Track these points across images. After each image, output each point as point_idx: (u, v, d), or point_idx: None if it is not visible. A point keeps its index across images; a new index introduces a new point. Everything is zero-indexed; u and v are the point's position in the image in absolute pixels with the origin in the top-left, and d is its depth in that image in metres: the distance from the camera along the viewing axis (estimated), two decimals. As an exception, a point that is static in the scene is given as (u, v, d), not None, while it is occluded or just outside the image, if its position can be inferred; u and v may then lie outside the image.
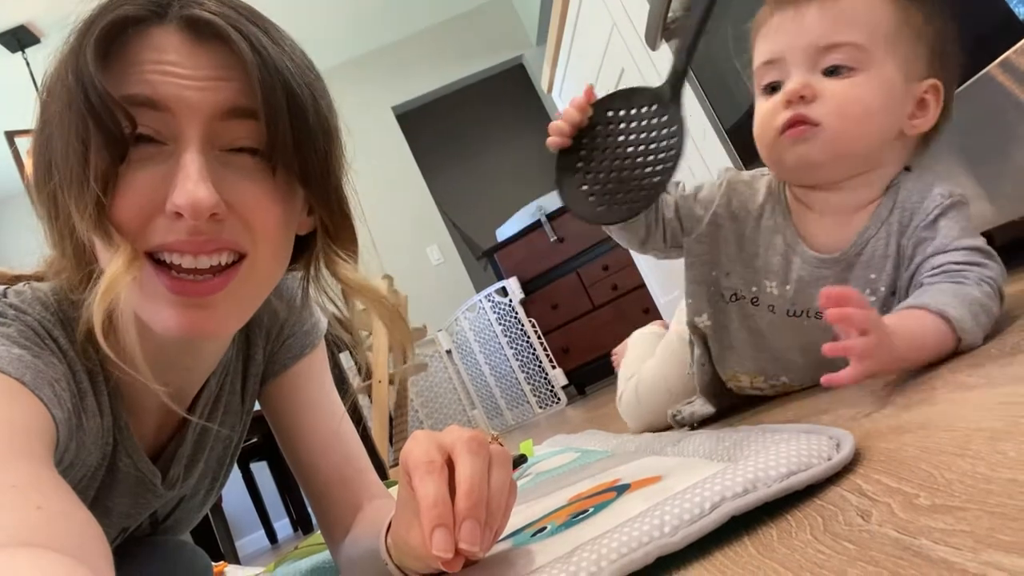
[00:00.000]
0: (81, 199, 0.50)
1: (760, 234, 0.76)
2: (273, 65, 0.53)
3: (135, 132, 0.51)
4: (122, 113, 0.50)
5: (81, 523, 0.41)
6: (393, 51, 4.65)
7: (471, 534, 0.41)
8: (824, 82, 0.67)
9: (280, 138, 0.53)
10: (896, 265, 0.70)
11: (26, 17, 3.16)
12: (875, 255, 0.70)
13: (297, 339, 0.77)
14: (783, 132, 0.69)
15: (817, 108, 0.67)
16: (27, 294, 0.56)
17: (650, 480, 0.55)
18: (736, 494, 0.41)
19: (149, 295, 0.53)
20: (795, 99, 0.67)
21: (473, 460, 0.44)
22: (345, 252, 0.62)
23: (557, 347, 3.58)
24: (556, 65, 2.32)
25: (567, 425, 2.16)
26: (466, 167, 5.67)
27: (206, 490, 0.80)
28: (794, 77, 0.68)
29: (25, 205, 3.01)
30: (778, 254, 0.75)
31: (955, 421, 0.43)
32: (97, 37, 0.50)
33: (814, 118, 0.67)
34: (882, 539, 0.31)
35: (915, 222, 0.69)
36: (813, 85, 0.67)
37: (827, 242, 0.73)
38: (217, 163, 0.53)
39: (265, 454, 3.28)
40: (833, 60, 0.67)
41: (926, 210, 0.68)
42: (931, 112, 0.70)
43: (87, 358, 0.58)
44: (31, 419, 0.46)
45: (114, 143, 0.50)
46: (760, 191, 0.78)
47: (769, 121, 0.70)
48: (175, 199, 0.50)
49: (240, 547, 3.43)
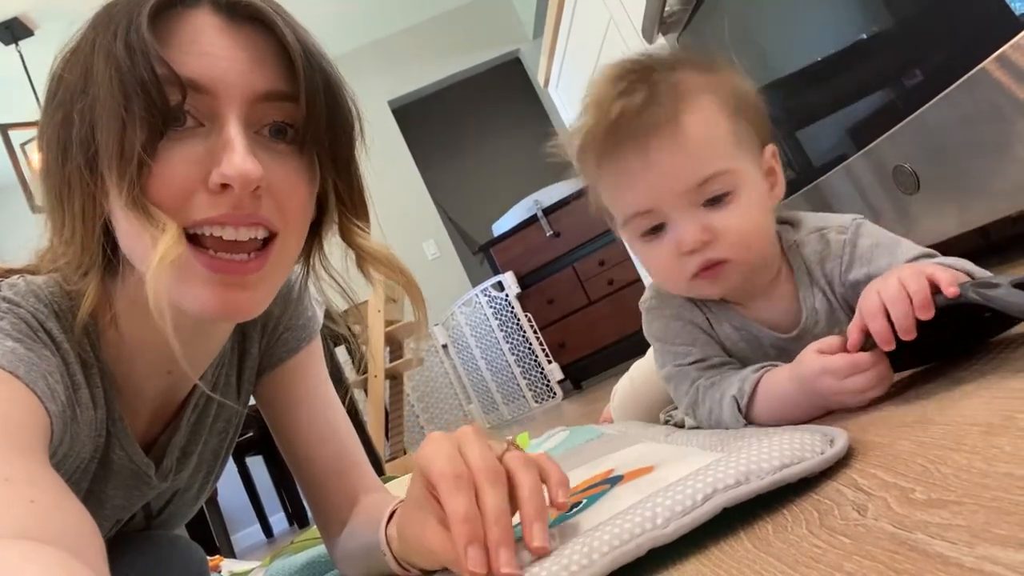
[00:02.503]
0: (121, 175, 0.50)
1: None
2: (312, 49, 0.56)
3: (184, 103, 0.51)
4: (176, 86, 0.50)
5: (75, 517, 0.41)
6: (389, 44, 4.63)
7: (509, 562, 0.41)
8: (711, 216, 0.64)
9: (316, 121, 0.55)
10: (847, 310, 0.69)
11: (19, 9, 3.13)
12: (826, 314, 0.69)
13: (293, 333, 0.77)
14: (695, 277, 0.67)
15: (719, 246, 0.64)
16: (21, 286, 0.56)
17: (643, 471, 0.55)
18: (728, 486, 0.41)
19: (185, 276, 0.53)
20: (698, 248, 0.64)
21: (495, 492, 0.43)
22: (363, 225, 0.63)
23: (553, 342, 3.58)
24: (553, 59, 2.31)
25: (563, 419, 2.16)
26: (462, 161, 5.66)
27: (200, 484, 0.80)
28: (682, 224, 0.64)
29: (19, 198, 2.98)
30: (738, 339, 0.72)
31: (951, 416, 0.44)
32: (149, 12, 0.51)
33: (722, 257, 0.65)
34: (878, 533, 0.31)
35: (836, 271, 0.68)
36: (709, 227, 0.64)
37: (781, 322, 0.70)
38: (254, 144, 0.53)
39: (261, 448, 3.27)
40: (711, 192, 0.64)
41: (837, 256, 0.67)
42: (779, 174, 0.70)
43: (82, 349, 0.58)
44: (25, 413, 0.46)
45: (162, 117, 0.50)
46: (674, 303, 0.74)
47: (677, 271, 0.67)
48: (224, 170, 0.51)
49: (236, 541, 3.43)
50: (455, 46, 4.69)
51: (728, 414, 0.63)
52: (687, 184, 0.64)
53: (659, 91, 0.63)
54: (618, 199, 0.69)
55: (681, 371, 0.70)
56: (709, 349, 0.71)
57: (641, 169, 0.64)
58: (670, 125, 0.63)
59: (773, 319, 0.70)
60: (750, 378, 0.63)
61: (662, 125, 0.63)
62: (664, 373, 0.72)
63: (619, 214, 0.69)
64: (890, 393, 0.56)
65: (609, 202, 0.71)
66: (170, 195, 0.51)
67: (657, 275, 0.71)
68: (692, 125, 0.64)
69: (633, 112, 0.63)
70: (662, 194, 0.65)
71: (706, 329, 0.72)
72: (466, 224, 5.21)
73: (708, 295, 0.70)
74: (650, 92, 0.63)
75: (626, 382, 1.05)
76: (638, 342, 0.95)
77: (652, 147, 0.63)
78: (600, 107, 0.65)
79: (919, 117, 0.91)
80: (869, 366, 0.55)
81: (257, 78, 0.54)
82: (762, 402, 0.62)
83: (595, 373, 3.72)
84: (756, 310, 0.71)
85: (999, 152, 0.83)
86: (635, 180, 0.65)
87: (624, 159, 0.65)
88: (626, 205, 0.68)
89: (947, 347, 0.60)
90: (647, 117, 0.63)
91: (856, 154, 1.05)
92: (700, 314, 0.72)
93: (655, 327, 0.74)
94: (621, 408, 1.07)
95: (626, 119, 0.63)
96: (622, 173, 0.66)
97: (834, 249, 0.68)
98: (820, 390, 0.57)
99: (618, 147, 0.65)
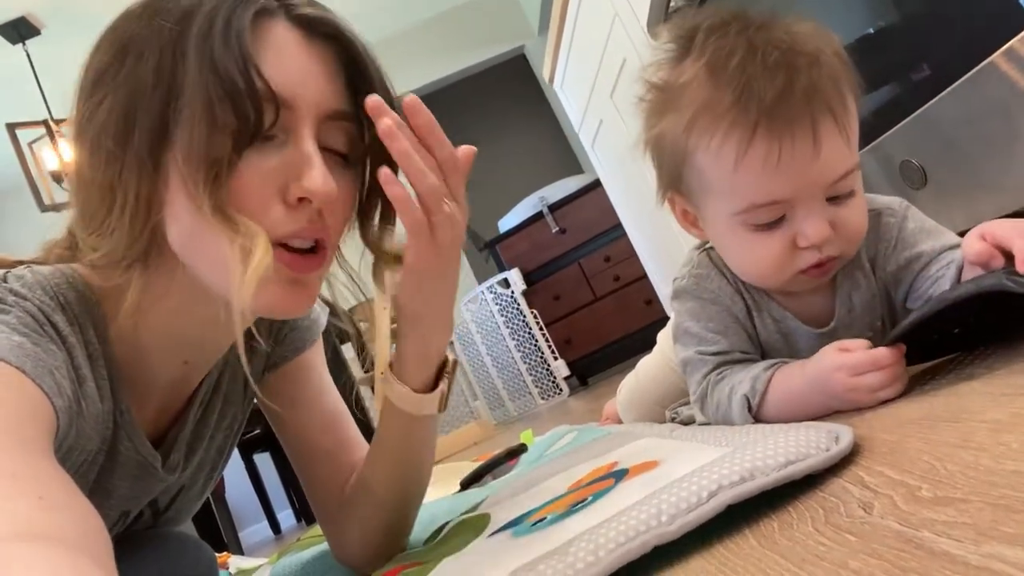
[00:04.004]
0: (205, 180, 0.51)
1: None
2: (382, 69, 0.59)
3: (276, 121, 0.52)
4: (271, 103, 0.51)
5: (82, 513, 0.41)
6: (394, 42, 4.63)
7: None
8: (835, 212, 0.61)
9: (381, 143, 0.56)
10: (885, 298, 0.68)
11: (26, 9, 3.14)
12: (863, 304, 0.68)
13: (298, 333, 0.78)
14: (805, 272, 0.64)
15: (836, 243, 0.62)
16: (28, 278, 0.56)
17: (648, 465, 0.55)
18: (733, 483, 0.41)
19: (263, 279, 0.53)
20: (821, 243, 0.61)
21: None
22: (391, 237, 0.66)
23: (559, 338, 3.58)
24: (558, 55, 2.31)
25: (569, 416, 2.16)
26: (468, 158, 5.65)
27: (204, 480, 0.80)
28: (810, 218, 0.60)
29: (27, 198, 2.99)
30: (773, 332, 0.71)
31: (958, 413, 0.43)
32: (251, 17, 0.52)
33: (836, 253, 0.63)
34: (884, 531, 0.31)
35: (883, 254, 0.67)
36: (833, 223, 0.61)
37: (819, 316, 0.69)
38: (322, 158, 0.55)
39: (268, 445, 3.28)
40: (842, 188, 0.61)
41: (886, 240, 0.66)
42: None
43: (88, 342, 0.58)
44: (32, 409, 0.46)
45: (254, 130, 0.51)
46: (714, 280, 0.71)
47: (787, 265, 0.63)
48: (308, 185, 0.53)
49: (243, 537, 3.45)
50: (460, 43, 4.69)
51: (737, 411, 0.62)
52: (833, 177, 0.60)
53: (820, 75, 0.58)
54: (755, 185, 0.60)
55: (702, 359, 0.68)
56: (737, 341, 0.69)
57: (806, 156, 0.58)
58: (836, 112, 0.59)
59: (812, 313, 0.69)
60: (762, 377, 0.61)
61: (826, 112, 0.58)
62: (684, 357, 0.70)
63: (742, 201, 0.62)
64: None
65: (732, 186, 0.62)
66: (248, 205, 0.53)
67: (755, 266, 0.66)
68: (847, 116, 0.60)
69: (802, 93, 0.57)
70: (808, 185, 0.60)
71: (742, 319, 0.69)
72: (472, 220, 5.10)
73: (797, 289, 0.67)
74: (810, 74, 0.58)
75: (632, 379, 1.05)
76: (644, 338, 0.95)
77: (823, 135, 0.58)
78: (754, 79, 0.58)
79: (926, 112, 0.91)
80: (888, 363, 0.54)
81: (331, 96, 0.56)
82: (772, 400, 0.61)
83: (601, 369, 3.72)
84: (798, 303, 0.69)
85: (1007, 147, 0.82)
86: (791, 167, 0.58)
87: (789, 143, 0.58)
88: (762, 193, 0.60)
89: (956, 342, 0.60)
90: (817, 102, 0.58)
91: (863, 149, 1.04)
92: (741, 302, 0.70)
93: (689, 306, 0.71)
94: (627, 404, 1.07)
95: (796, 99, 0.57)
96: (779, 157, 0.58)
97: (883, 232, 0.67)
98: (833, 387, 0.56)
99: (789, 126, 0.58)
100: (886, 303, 0.69)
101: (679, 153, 0.64)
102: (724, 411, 0.65)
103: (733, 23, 0.61)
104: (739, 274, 0.69)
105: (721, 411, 0.65)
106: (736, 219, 0.63)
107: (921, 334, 0.55)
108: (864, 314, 0.68)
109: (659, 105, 0.66)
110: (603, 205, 2.80)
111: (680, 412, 0.90)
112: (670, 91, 0.64)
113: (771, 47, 0.59)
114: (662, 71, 0.66)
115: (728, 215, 0.64)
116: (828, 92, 0.59)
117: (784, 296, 0.69)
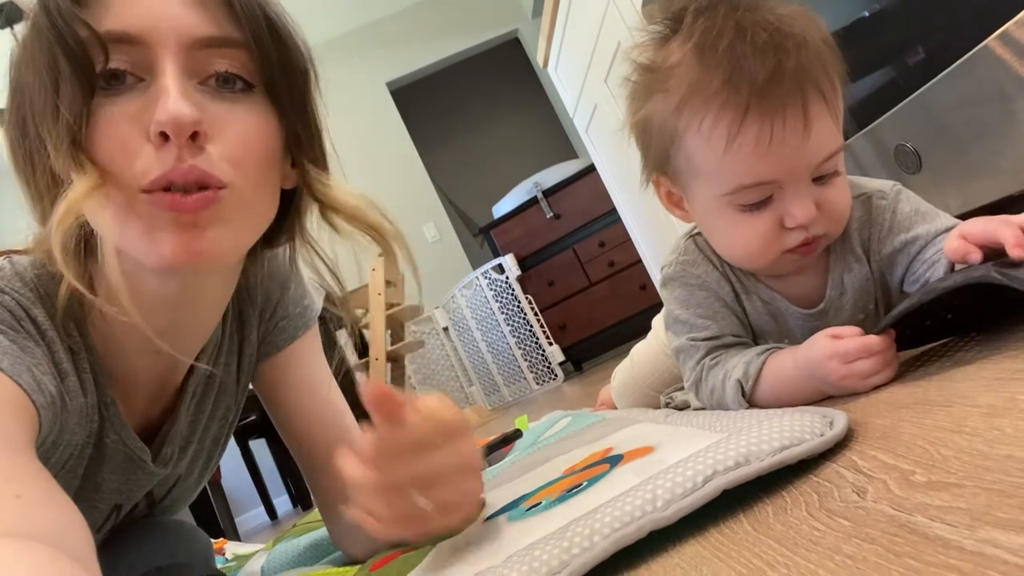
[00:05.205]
0: (56, 136, 0.49)
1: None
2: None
3: (108, 61, 0.50)
4: (95, 42, 0.49)
5: (62, 511, 0.40)
6: (387, 25, 4.60)
7: None
8: (820, 192, 0.62)
9: (264, 64, 0.54)
10: (879, 281, 0.68)
11: (14, -8, 3.11)
12: (855, 286, 0.68)
13: (291, 321, 0.77)
14: (790, 251, 0.64)
15: (822, 222, 0.62)
16: (6, 269, 0.55)
17: (643, 451, 0.56)
18: (728, 468, 0.41)
19: (145, 228, 0.51)
20: (807, 223, 0.61)
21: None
22: (324, 173, 0.62)
23: (554, 324, 3.58)
24: (552, 39, 2.29)
25: (564, 401, 2.17)
26: (462, 143, 5.63)
27: (200, 470, 0.80)
28: (796, 198, 0.61)
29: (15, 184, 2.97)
30: (762, 313, 0.71)
31: (952, 397, 0.43)
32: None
33: (821, 233, 0.63)
34: (877, 516, 0.31)
35: (876, 237, 0.66)
36: (818, 203, 0.61)
37: (809, 296, 0.69)
38: (195, 92, 0.52)
39: (264, 431, 3.29)
40: (828, 168, 0.61)
41: (878, 223, 0.66)
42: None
43: (68, 335, 0.57)
44: (11, 407, 0.46)
45: (84, 72, 0.49)
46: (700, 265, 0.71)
47: (773, 245, 0.63)
48: (157, 116, 0.49)
49: (240, 523, 3.46)
50: (454, 27, 4.65)
51: (731, 396, 0.63)
52: (821, 157, 0.60)
53: (808, 56, 0.58)
54: (745, 166, 0.60)
55: (693, 345, 0.69)
56: (726, 325, 0.69)
57: (796, 137, 0.58)
58: (826, 93, 0.59)
59: (802, 294, 0.69)
60: (755, 362, 0.62)
61: (815, 93, 0.59)
62: (676, 345, 0.71)
63: (731, 182, 0.62)
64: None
65: (721, 167, 0.62)
66: (113, 155, 0.50)
67: (742, 247, 0.66)
68: (835, 97, 0.61)
69: (791, 74, 0.57)
70: (796, 166, 0.60)
71: (730, 303, 0.70)
72: (466, 206, 5.19)
73: (783, 271, 0.68)
74: (799, 55, 0.58)
75: (627, 364, 1.05)
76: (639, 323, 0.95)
77: (813, 115, 0.58)
78: (743, 59, 0.58)
79: (921, 96, 0.90)
80: (879, 350, 0.54)
81: (193, 23, 0.52)
82: (766, 386, 0.61)
83: (596, 355, 3.73)
84: (787, 284, 0.70)
85: (1002, 131, 0.82)
86: (782, 148, 0.58)
87: (780, 124, 0.58)
88: (752, 173, 0.60)
89: (948, 327, 0.60)
90: (806, 83, 0.58)
91: (857, 133, 1.04)
92: (728, 286, 0.70)
93: (678, 293, 0.71)
94: (622, 390, 1.07)
95: (787, 80, 0.57)
96: (771, 138, 0.58)
97: (875, 215, 0.67)
98: (825, 374, 0.56)
99: (780, 107, 0.58)
100: (880, 286, 0.69)
101: (667, 134, 0.64)
102: (719, 396, 0.65)
103: (721, 4, 0.61)
104: (725, 256, 0.69)
105: (716, 396, 0.65)
106: (723, 200, 0.63)
107: (913, 320, 0.55)
108: (856, 297, 0.68)
109: (646, 86, 0.66)
110: (598, 190, 2.79)
111: (674, 397, 0.91)
112: (658, 72, 0.64)
113: (759, 28, 0.58)
114: (649, 52, 0.66)
115: (715, 196, 0.64)
116: (817, 73, 0.59)
117: (772, 278, 0.70)
